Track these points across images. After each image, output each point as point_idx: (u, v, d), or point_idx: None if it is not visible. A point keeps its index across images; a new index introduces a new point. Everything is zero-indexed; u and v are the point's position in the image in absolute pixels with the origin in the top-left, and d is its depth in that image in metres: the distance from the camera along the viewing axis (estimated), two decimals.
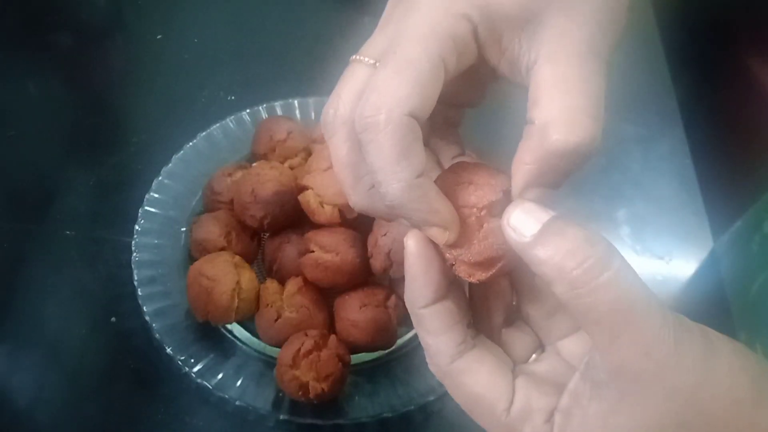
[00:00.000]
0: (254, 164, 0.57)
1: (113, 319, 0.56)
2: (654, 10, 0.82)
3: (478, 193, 0.28)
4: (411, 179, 0.26)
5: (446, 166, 0.33)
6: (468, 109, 0.35)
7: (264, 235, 0.57)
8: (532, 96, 0.27)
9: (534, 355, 0.31)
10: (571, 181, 0.29)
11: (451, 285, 0.29)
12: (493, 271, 0.28)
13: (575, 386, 0.27)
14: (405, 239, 0.28)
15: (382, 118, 0.26)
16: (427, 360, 0.30)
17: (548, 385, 0.28)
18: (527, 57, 0.28)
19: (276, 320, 0.51)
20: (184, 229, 0.58)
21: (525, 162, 0.27)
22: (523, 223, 0.26)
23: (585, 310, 0.24)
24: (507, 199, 0.28)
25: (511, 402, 0.28)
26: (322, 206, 0.51)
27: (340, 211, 0.52)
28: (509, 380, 0.28)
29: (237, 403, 0.50)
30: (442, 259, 0.28)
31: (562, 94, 0.27)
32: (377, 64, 0.29)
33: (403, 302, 0.53)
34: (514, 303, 0.31)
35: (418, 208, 0.27)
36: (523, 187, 0.27)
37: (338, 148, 0.30)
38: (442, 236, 0.28)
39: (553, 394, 0.27)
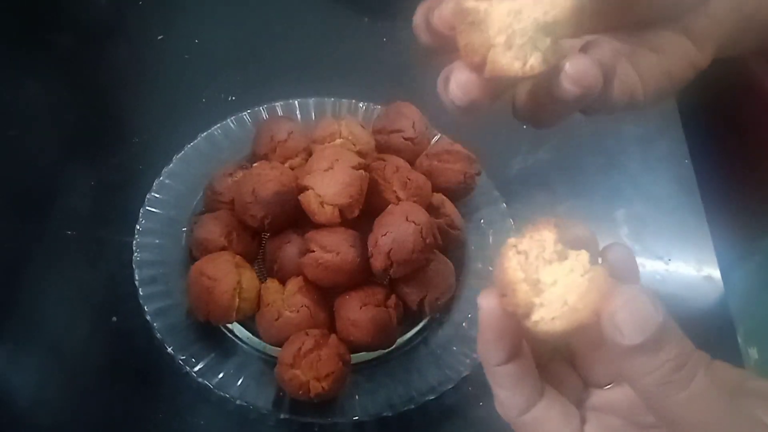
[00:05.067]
0: (255, 164, 0.58)
1: (114, 318, 0.56)
2: None
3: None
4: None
5: None
6: None
7: (265, 235, 0.57)
8: None
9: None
10: (571, 181, 0.29)
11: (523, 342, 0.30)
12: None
13: None
14: (479, 299, 0.29)
15: None
16: (497, 407, 0.31)
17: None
18: None
19: (277, 320, 0.51)
20: (185, 228, 0.58)
21: None
22: (629, 327, 0.25)
23: (666, 410, 0.26)
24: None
25: None
26: (323, 206, 0.51)
27: (340, 211, 0.52)
28: (576, 429, 0.30)
29: (238, 402, 0.50)
30: (515, 321, 0.28)
31: None
32: None
33: (403, 302, 0.53)
34: None
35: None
36: None
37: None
38: None
39: None
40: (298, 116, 0.66)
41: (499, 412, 0.31)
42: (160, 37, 0.76)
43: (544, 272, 0.27)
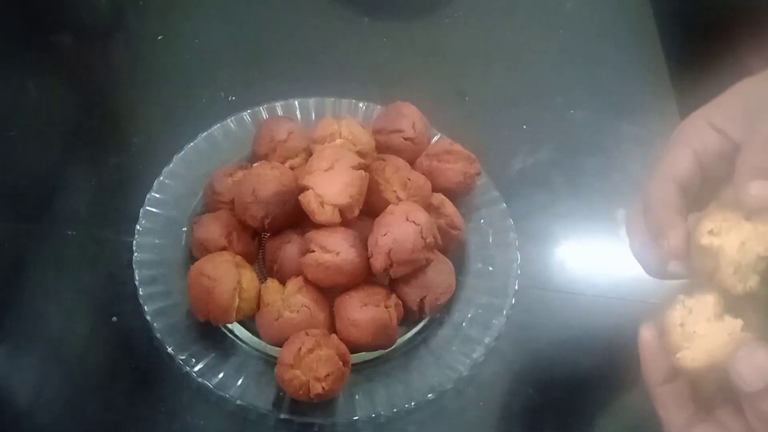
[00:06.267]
0: (255, 164, 0.58)
1: (114, 318, 0.56)
2: (653, 10, 0.83)
3: None
4: None
5: None
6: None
7: (265, 235, 0.57)
8: None
9: None
10: (571, 181, 0.30)
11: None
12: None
13: None
14: (640, 329, 0.35)
15: None
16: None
17: None
18: None
19: (277, 320, 0.51)
20: (185, 228, 0.58)
21: None
22: (749, 376, 0.29)
23: None
24: None
25: None
26: (323, 206, 0.51)
27: (340, 211, 0.52)
28: None
29: (238, 402, 0.50)
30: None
31: None
32: None
33: (403, 302, 0.53)
34: None
35: None
36: None
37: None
38: None
39: None
40: (298, 116, 0.66)
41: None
42: (160, 37, 0.76)
43: (700, 326, 0.33)
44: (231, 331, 0.54)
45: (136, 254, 0.55)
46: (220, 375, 0.51)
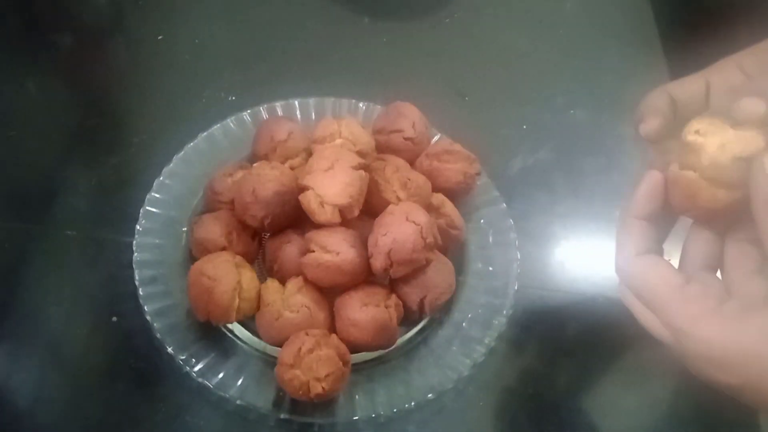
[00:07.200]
0: (255, 164, 0.58)
1: (114, 318, 0.56)
2: (653, 10, 0.83)
3: None
4: None
5: None
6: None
7: (265, 235, 0.57)
8: None
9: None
10: (571, 181, 0.30)
11: (662, 225, 0.38)
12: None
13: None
14: (650, 171, 0.39)
15: None
16: (616, 257, 0.38)
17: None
18: None
19: (277, 320, 0.51)
20: (185, 229, 0.58)
21: None
22: None
23: None
24: None
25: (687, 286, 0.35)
26: (323, 206, 0.51)
27: (340, 211, 0.52)
28: (678, 282, 0.35)
29: (238, 402, 0.50)
30: (666, 199, 0.38)
31: None
32: None
33: (403, 302, 0.53)
34: None
35: None
36: None
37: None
38: None
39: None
40: (298, 116, 0.66)
41: (615, 260, 0.37)
42: (160, 37, 0.76)
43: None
44: (231, 331, 0.55)
45: (136, 254, 0.55)
46: (220, 375, 0.51)
